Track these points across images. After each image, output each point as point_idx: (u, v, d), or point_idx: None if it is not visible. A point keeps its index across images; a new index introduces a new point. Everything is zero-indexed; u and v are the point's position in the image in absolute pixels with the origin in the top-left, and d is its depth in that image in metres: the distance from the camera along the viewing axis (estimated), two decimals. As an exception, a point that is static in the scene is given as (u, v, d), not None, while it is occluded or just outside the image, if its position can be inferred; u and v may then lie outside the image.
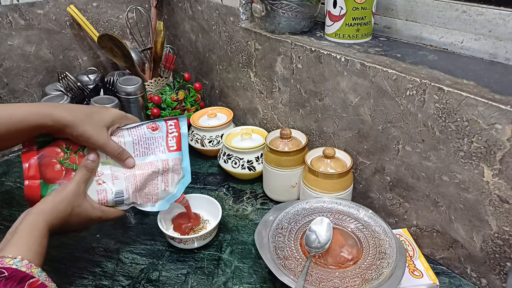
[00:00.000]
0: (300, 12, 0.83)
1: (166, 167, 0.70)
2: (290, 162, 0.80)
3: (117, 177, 0.67)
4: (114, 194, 0.66)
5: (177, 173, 0.71)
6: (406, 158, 0.70)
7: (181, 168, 0.72)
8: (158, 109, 1.04)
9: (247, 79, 1.01)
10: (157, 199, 0.70)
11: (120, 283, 0.68)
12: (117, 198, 0.67)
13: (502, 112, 0.55)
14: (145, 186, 0.69)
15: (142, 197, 0.69)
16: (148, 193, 0.69)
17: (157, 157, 0.70)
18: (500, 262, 0.62)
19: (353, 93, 0.75)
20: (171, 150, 0.71)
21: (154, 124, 0.71)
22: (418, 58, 0.72)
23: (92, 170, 0.65)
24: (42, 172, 0.63)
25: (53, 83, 1.03)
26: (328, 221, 0.66)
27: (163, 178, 0.69)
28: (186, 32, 1.19)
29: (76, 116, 0.63)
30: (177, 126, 0.73)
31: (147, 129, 0.70)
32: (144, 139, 0.70)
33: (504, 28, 0.67)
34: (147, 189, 0.69)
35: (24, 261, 0.50)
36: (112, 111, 0.69)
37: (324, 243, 0.64)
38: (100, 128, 0.65)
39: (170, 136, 0.72)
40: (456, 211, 0.65)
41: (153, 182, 0.69)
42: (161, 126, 0.72)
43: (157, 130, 0.71)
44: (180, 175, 0.72)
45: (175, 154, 0.71)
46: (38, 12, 1.03)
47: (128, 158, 0.68)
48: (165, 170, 0.70)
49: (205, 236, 0.73)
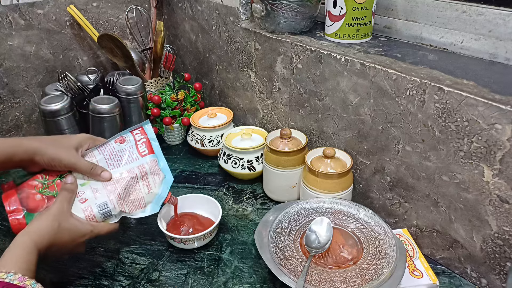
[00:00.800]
0: (300, 12, 0.83)
1: (144, 171, 0.70)
2: (290, 162, 0.80)
3: (98, 191, 0.68)
4: (99, 207, 0.66)
5: (157, 174, 0.72)
6: (406, 158, 0.70)
7: (159, 169, 0.73)
8: (158, 109, 1.04)
9: (247, 79, 1.01)
10: (145, 203, 0.70)
11: (120, 283, 0.68)
12: (103, 210, 0.66)
13: (502, 112, 0.55)
14: (129, 194, 0.69)
15: (129, 205, 0.69)
16: (135, 199, 0.69)
17: (131, 165, 0.71)
18: (500, 262, 0.62)
19: (353, 93, 0.75)
20: (143, 155, 0.72)
21: (120, 137, 0.73)
22: (418, 58, 0.72)
23: (72, 191, 0.66)
24: (24, 204, 0.65)
25: (53, 83, 1.03)
26: (328, 221, 0.66)
27: (144, 182, 0.70)
28: (186, 32, 1.19)
29: (44, 141, 0.67)
30: (144, 133, 0.75)
31: (115, 143, 0.73)
32: (114, 153, 0.71)
33: (504, 28, 0.67)
34: (132, 196, 0.69)
35: (17, 275, 0.51)
36: (79, 134, 0.72)
37: (324, 243, 0.64)
38: (68, 149, 0.68)
39: (139, 143, 0.73)
40: (456, 211, 0.65)
41: (135, 188, 0.70)
42: (127, 137, 0.74)
43: (125, 142, 0.73)
44: (161, 175, 0.73)
45: (148, 157, 0.72)
46: (38, 12, 1.03)
47: (102, 171, 0.69)
48: (143, 174, 0.70)
49: (205, 236, 0.73)
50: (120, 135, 0.74)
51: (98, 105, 0.93)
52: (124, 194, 0.68)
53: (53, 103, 0.93)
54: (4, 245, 0.76)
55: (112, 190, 0.68)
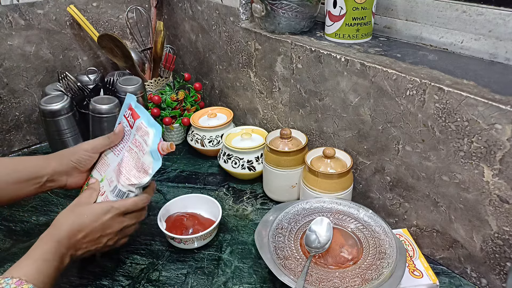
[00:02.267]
0: (300, 12, 0.83)
1: (137, 140, 0.70)
2: (290, 162, 0.80)
3: (112, 180, 0.69)
4: (112, 192, 0.68)
5: (146, 134, 0.69)
6: (406, 158, 0.70)
7: (146, 127, 0.70)
8: (158, 109, 1.04)
9: (247, 79, 1.01)
10: (148, 166, 0.68)
11: (120, 283, 0.68)
12: (115, 193, 0.67)
13: (502, 112, 0.55)
14: (132, 168, 0.69)
15: (136, 176, 0.68)
16: (138, 168, 0.69)
17: (128, 143, 0.71)
18: (500, 262, 0.62)
19: (353, 93, 0.75)
20: (132, 126, 0.72)
21: (120, 127, 0.74)
22: (418, 58, 0.72)
23: (92, 189, 0.69)
24: None
25: (53, 83, 1.03)
26: (328, 221, 0.66)
27: (139, 148, 0.69)
28: (186, 32, 1.19)
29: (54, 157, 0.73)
30: (130, 107, 0.73)
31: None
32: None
33: (504, 28, 0.67)
34: (136, 167, 0.69)
35: (13, 279, 0.51)
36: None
37: (324, 243, 0.64)
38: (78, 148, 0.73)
39: (129, 118, 0.73)
40: (456, 211, 0.65)
41: (135, 159, 0.69)
42: (123, 122, 0.74)
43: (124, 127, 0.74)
44: (150, 133, 0.69)
45: (135, 125, 0.71)
46: (38, 12, 1.03)
47: (113, 132, 0.72)
48: (136, 143, 0.70)
49: (205, 236, 0.73)
50: (119, 121, 0.75)
51: (98, 105, 0.93)
52: (128, 171, 0.69)
53: (53, 103, 0.93)
54: (4, 245, 0.76)
55: (119, 172, 0.69)
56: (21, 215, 0.84)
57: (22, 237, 0.78)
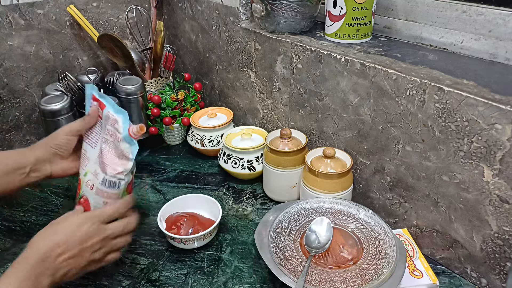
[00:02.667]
0: (300, 12, 0.83)
1: (108, 130, 0.69)
2: (290, 162, 0.80)
3: (96, 172, 0.68)
4: (102, 184, 0.66)
5: (114, 122, 0.69)
6: (406, 158, 0.70)
7: (114, 115, 0.70)
8: (158, 109, 1.04)
9: (247, 79, 1.01)
10: (127, 152, 0.68)
11: (120, 283, 0.68)
12: (106, 184, 0.66)
13: (502, 112, 0.55)
14: (114, 156, 0.68)
15: (120, 164, 0.68)
16: (120, 156, 0.68)
17: (102, 134, 0.71)
18: (500, 262, 0.62)
19: (353, 93, 0.75)
20: (101, 116, 0.71)
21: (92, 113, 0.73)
22: (418, 58, 0.72)
23: (76, 209, 0.66)
24: None
25: (53, 83, 1.03)
26: (328, 221, 0.66)
27: (113, 137, 0.69)
28: (186, 32, 1.19)
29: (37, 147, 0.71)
30: (95, 99, 0.73)
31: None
32: (91, 133, 0.73)
33: (504, 28, 0.67)
34: (116, 156, 0.68)
35: None
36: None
37: (324, 243, 0.64)
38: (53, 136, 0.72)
39: (96, 107, 0.73)
40: (456, 211, 0.65)
41: (113, 147, 0.69)
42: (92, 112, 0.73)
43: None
44: (118, 120, 0.69)
45: (104, 115, 0.71)
46: (38, 12, 1.03)
47: (87, 114, 0.71)
48: (109, 132, 0.69)
49: (205, 236, 0.73)
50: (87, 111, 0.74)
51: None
52: (111, 161, 0.68)
53: (53, 103, 0.93)
54: (4, 245, 0.76)
55: (103, 164, 0.67)
56: (21, 215, 0.84)
57: (22, 237, 0.78)
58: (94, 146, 0.71)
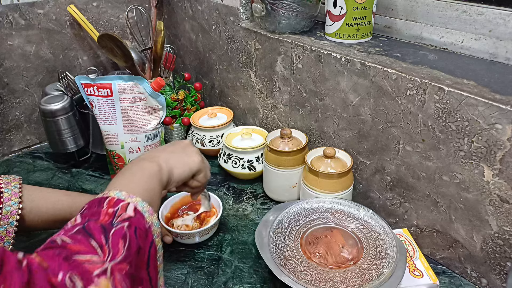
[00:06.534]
0: (300, 12, 0.83)
1: (126, 99, 0.83)
2: (290, 162, 0.80)
3: (134, 138, 0.84)
4: (146, 139, 0.85)
5: (134, 86, 0.81)
6: (406, 158, 0.70)
7: (127, 83, 0.81)
8: (158, 109, 1.04)
9: (247, 79, 1.01)
10: (156, 105, 0.84)
11: (120, 283, 0.68)
12: (148, 138, 0.85)
13: (502, 112, 0.55)
14: (146, 116, 0.84)
15: (154, 118, 0.85)
16: (150, 112, 0.85)
17: (109, 108, 0.83)
18: (500, 262, 0.62)
19: (353, 93, 0.75)
20: (110, 94, 0.81)
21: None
22: (418, 58, 0.72)
23: None
24: None
25: (53, 83, 1.03)
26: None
27: (139, 100, 0.83)
28: (186, 32, 1.19)
29: None
30: (89, 85, 0.82)
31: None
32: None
33: (504, 28, 0.67)
34: (148, 113, 0.84)
35: (123, 192, 0.46)
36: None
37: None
38: None
39: (96, 92, 0.83)
40: (456, 211, 0.65)
41: (142, 108, 0.83)
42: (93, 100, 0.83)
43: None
44: (138, 84, 0.81)
45: (114, 87, 0.81)
46: (38, 12, 1.03)
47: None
48: (132, 100, 0.83)
49: (207, 231, 0.73)
50: (88, 102, 0.84)
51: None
52: (144, 121, 0.84)
53: (53, 103, 0.93)
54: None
55: (136, 127, 0.84)
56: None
57: (22, 237, 0.78)
58: (115, 123, 0.83)
